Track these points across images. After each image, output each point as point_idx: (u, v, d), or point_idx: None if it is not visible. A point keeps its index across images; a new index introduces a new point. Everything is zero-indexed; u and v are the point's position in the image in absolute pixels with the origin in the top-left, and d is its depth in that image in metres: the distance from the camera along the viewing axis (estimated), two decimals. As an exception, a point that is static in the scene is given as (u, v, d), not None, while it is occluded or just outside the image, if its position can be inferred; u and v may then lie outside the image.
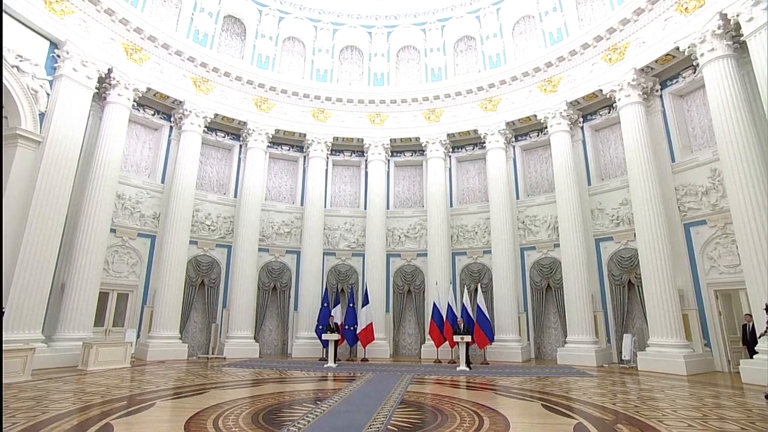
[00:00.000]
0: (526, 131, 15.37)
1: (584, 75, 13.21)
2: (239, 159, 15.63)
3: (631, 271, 12.10)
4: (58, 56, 10.92)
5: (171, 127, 14.22)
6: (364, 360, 13.09)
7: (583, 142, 14.07)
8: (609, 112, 13.45)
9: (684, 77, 11.67)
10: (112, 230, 12.26)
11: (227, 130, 15.50)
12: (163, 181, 13.77)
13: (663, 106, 12.13)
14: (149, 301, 12.76)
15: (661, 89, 12.20)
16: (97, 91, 11.78)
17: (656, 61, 11.60)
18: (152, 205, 13.43)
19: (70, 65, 10.92)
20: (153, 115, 13.93)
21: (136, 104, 12.98)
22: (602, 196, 13.32)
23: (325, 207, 15.93)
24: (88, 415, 5.40)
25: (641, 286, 11.26)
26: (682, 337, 10.21)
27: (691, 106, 11.84)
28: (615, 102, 12.52)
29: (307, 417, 5.48)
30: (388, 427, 5.09)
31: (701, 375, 9.49)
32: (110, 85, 12.09)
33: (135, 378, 8.72)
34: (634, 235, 11.70)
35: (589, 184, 13.70)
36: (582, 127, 14.16)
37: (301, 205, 16.07)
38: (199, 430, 4.82)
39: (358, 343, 13.46)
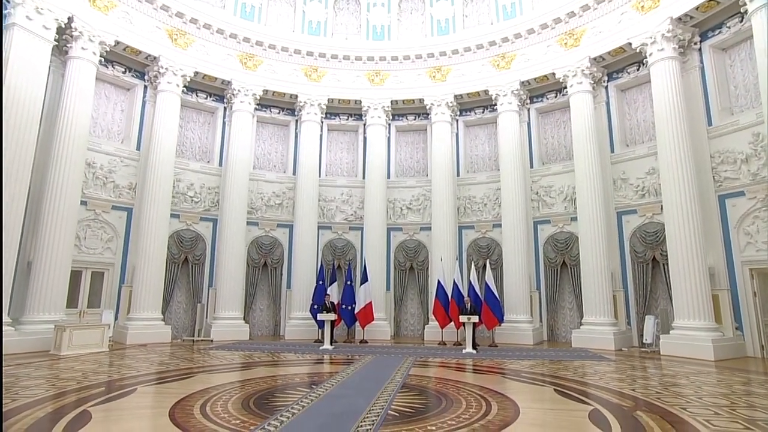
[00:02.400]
0: (542, 92, 15.03)
1: (611, 26, 12.77)
2: (224, 123, 15.37)
3: (657, 248, 12.05)
4: (8, 1, 10.44)
5: (145, 87, 13.87)
6: (363, 342, 13.23)
7: (607, 103, 13.75)
8: (638, 70, 13.06)
9: (729, 26, 11.15)
10: (83, 202, 12.12)
11: (210, 91, 15.16)
12: (138, 148, 13.55)
13: (701, 61, 11.73)
14: (127, 279, 12.78)
15: (701, 41, 11.75)
16: (57, 44, 11.38)
17: (697, 8, 11.10)
18: (127, 174, 13.26)
19: (22, 12, 10.47)
20: (124, 72, 13.55)
21: (103, 60, 12.58)
22: (626, 165, 13.12)
23: (319, 176, 15.79)
24: (62, 402, 5.43)
25: (667, 264, 11.21)
26: (711, 319, 10.22)
27: (735, 60, 11.41)
28: (645, 57, 12.11)
29: (301, 402, 5.52)
30: (389, 411, 5.13)
31: (731, 360, 9.53)
32: (72, 36, 11.67)
33: (114, 362, 8.80)
34: (661, 208, 11.58)
35: (612, 151, 13.48)
36: (606, 87, 13.81)
37: (294, 174, 15.92)
38: (185, 416, 4.86)
39: (357, 323, 13.58)
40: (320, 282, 13.54)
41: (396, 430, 4.43)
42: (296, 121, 16.21)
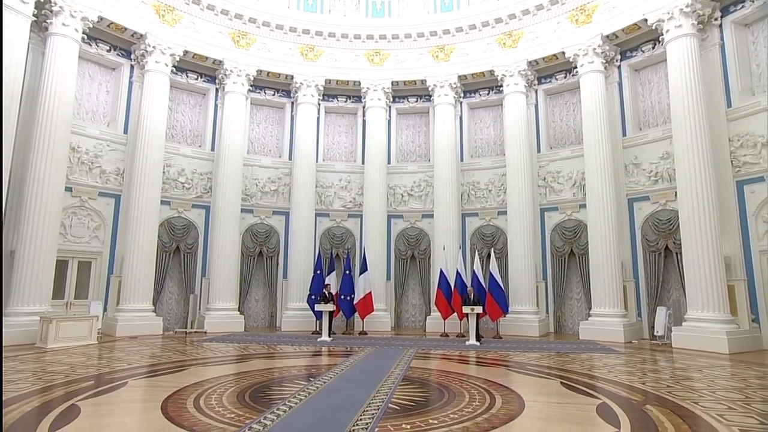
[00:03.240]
0: (551, 72, 14.87)
1: (626, 1, 12.54)
2: (216, 105, 15.26)
3: (669, 236, 12.02)
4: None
5: (132, 67, 13.70)
6: (363, 333, 13.30)
7: (620, 84, 13.60)
8: (653, 48, 12.88)
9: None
10: (68, 189, 12.05)
11: (200, 71, 15.00)
12: (126, 132, 13.45)
13: (722, 38, 11.53)
14: (116, 269, 12.79)
15: (722, 16, 11.54)
16: (36, 19, 11.22)
17: (718, -18, 10.94)
18: (114, 159, 13.18)
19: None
20: (109, 51, 13.37)
21: (86, 37, 12.36)
22: (639, 149, 13.03)
23: (317, 161, 15.73)
24: (50, 396, 5.46)
25: (680, 253, 11.17)
26: (726, 311, 10.21)
27: (758, 37, 11.20)
28: (662, 35, 11.92)
29: (299, 395, 5.56)
30: (390, 405, 5.17)
31: (746, 354, 9.55)
32: (51, 12, 11.46)
33: (103, 355, 8.85)
34: (675, 195, 11.51)
35: (624, 134, 13.38)
36: (619, 67, 13.64)
37: (290, 159, 15.85)
38: (178, 410, 4.89)
39: (356, 314, 13.62)
40: (318, 271, 13.56)
41: (397, 424, 4.45)
42: (292, 103, 16.07)
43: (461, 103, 16.01)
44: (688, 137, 10.88)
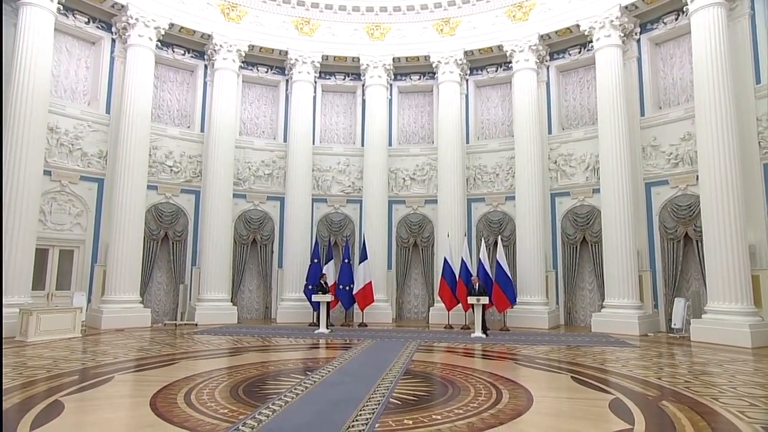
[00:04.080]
0: (564, 47, 14.70)
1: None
2: (205, 83, 15.14)
3: (689, 223, 11.97)
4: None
5: (113, 41, 13.53)
6: (362, 325, 13.36)
7: (639, 59, 13.40)
8: (676, 19, 12.65)
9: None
10: (47, 172, 11.97)
11: (188, 46, 14.85)
12: (108, 111, 13.33)
13: (752, 7, 11.24)
14: (100, 258, 12.79)
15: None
16: (5, -12, 11.05)
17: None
18: (96, 140, 13.09)
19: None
20: (87, 23, 13.17)
21: (62, 7, 12.18)
22: (658, 129, 12.91)
23: (313, 143, 15.66)
24: (31, 392, 5.46)
25: (701, 241, 11.13)
26: (750, 302, 10.15)
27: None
28: (686, 4, 11.67)
29: (295, 389, 5.57)
30: (391, 399, 5.18)
31: (771, 348, 9.56)
32: (21, -20, 11.28)
33: (88, 349, 8.87)
34: (697, 178, 11.41)
35: (643, 114, 13.24)
36: (638, 40, 13.44)
37: (284, 141, 15.78)
38: (168, 405, 4.90)
39: (355, 305, 13.67)
40: (315, 260, 13.59)
41: (398, 419, 4.46)
42: (287, 81, 15.95)
43: (467, 80, 15.87)
44: (712, 116, 10.70)
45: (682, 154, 12.41)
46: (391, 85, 16.14)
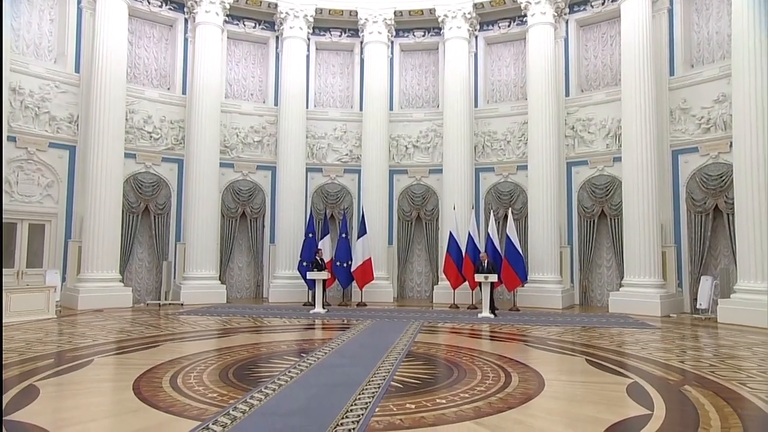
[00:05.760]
0: (585, -1, 14.42)
1: None
2: (185, 40, 14.90)
3: (720, 194, 11.91)
4: None
5: (83, -9, 13.27)
6: (361, 304, 13.46)
7: (670, 11, 13.09)
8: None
9: None
10: (11, 138, 11.90)
11: (166, -2, 14.56)
12: (77, 70, 13.14)
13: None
14: (75, 233, 12.81)
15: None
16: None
17: None
18: (66, 103, 12.94)
19: None
20: (50, -32, 12.88)
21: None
22: (689, 91, 12.73)
23: (307, 107, 15.53)
24: (3, 376, 5.50)
25: (732, 215, 11.09)
26: (786, 280, 10.18)
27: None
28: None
29: (289, 372, 5.64)
30: (392, 382, 5.24)
31: (805, 330, 9.62)
32: None
33: (64, 331, 8.96)
34: (730, 145, 11.29)
35: (672, 73, 13.04)
36: (669, -9, 13.16)
37: (275, 104, 15.64)
38: (152, 390, 4.95)
39: (353, 283, 13.77)
40: (310, 235, 13.61)
41: (400, 403, 4.51)
42: (277, 37, 15.70)
43: (476, 37, 15.64)
44: (750, 74, 10.34)
45: (714, 118, 12.25)
46: (392, 42, 15.90)
